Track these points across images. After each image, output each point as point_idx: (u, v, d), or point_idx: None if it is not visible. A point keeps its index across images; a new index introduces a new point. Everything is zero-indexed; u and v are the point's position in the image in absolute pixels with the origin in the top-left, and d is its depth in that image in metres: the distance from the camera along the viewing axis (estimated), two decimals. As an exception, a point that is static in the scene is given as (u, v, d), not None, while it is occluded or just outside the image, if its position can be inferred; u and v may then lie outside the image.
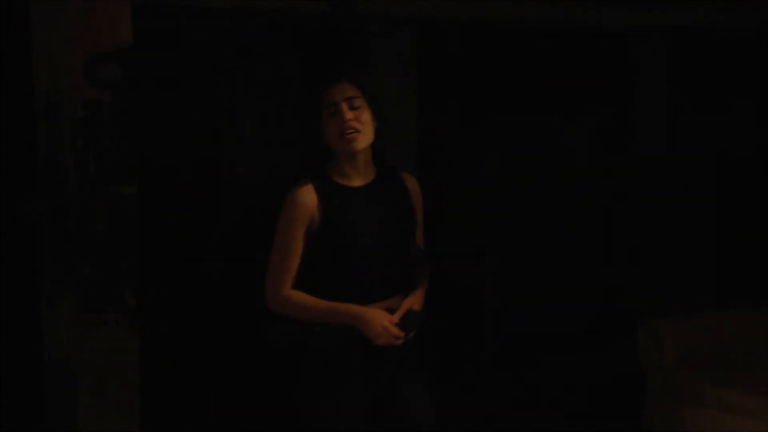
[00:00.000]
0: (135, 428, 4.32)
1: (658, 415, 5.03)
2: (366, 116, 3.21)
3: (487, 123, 6.24)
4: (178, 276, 4.95)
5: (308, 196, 3.15)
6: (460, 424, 5.51)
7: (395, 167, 3.37)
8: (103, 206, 4.28)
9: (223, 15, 5.11)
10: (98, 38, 4.22)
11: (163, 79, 4.97)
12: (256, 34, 5.18)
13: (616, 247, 6.64)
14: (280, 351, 3.59)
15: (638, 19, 6.24)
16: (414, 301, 3.27)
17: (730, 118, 6.65)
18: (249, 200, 4.97)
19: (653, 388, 5.09)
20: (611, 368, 6.07)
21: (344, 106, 3.17)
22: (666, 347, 5.03)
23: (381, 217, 3.21)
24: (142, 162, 4.44)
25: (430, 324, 5.98)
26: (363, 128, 3.18)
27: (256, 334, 4.76)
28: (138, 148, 4.36)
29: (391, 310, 3.15)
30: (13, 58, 4.51)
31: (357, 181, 3.24)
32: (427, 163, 6.13)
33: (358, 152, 3.19)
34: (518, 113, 6.27)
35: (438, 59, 6.04)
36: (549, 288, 6.43)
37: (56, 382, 4.37)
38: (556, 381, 6.11)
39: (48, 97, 4.30)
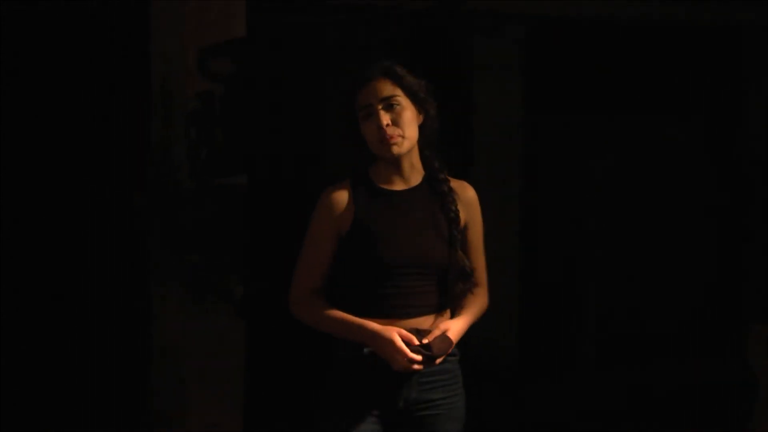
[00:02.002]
0: (239, 415, 4.35)
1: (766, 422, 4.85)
2: (408, 115, 2.79)
3: (595, 122, 6.18)
4: (283, 267, 4.96)
5: (340, 196, 2.83)
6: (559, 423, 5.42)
7: (446, 171, 2.90)
8: (212, 197, 4.31)
9: (332, 11, 5.13)
10: (212, 32, 4.24)
11: (273, 72, 5.01)
12: (363, 29, 5.17)
13: (725, 250, 6.50)
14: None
15: (749, 16, 6.08)
16: (452, 326, 2.80)
17: None
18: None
19: (764, 395, 4.91)
20: (718, 373, 5.92)
21: (380, 108, 2.78)
22: (776, 354, 4.83)
23: (418, 227, 2.82)
24: (252, 154, 4.47)
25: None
26: (404, 130, 2.78)
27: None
28: (248, 140, 4.39)
29: (419, 332, 2.74)
30: (131, 52, 4.61)
31: (399, 185, 2.87)
32: (533, 162, 6.08)
33: (398, 156, 2.81)
34: (626, 113, 6.20)
35: (546, 57, 5.96)
36: (654, 290, 6.34)
37: (164, 367, 4.44)
38: (661, 383, 5.98)
39: (162, 90, 4.36)
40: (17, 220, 4.68)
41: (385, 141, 2.76)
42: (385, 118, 2.76)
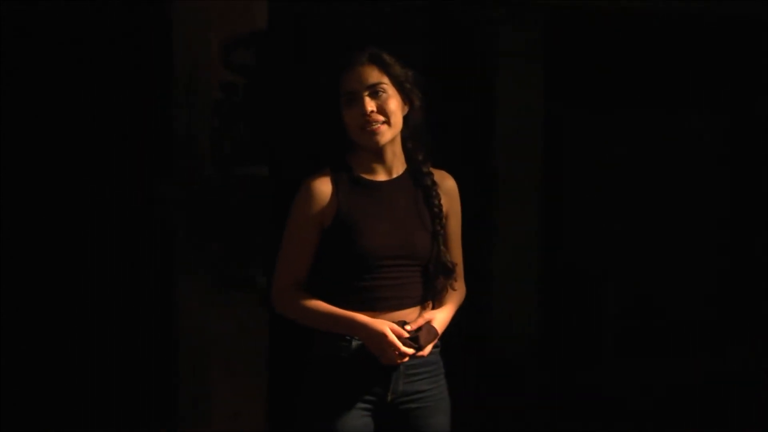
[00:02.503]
0: (262, 401, 4.38)
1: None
2: (393, 104, 2.71)
3: (615, 114, 6.19)
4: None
5: (323, 187, 2.74)
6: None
7: (429, 164, 2.85)
8: (234, 187, 4.32)
9: (355, 2, 5.15)
10: (235, 24, 4.25)
11: (295, 64, 5.03)
12: (387, 20, 5.17)
13: (744, 244, 6.49)
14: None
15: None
16: (436, 317, 2.77)
17: None
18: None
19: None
20: (731, 365, 5.92)
21: (365, 94, 2.70)
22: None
23: (401, 218, 2.76)
24: (274, 145, 4.48)
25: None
26: (389, 119, 2.71)
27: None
28: (270, 130, 4.40)
29: (404, 324, 2.71)
30: (154, 44, 4.62)
31: (381, 176, 2.79)
32: (555, 152, 6.07)
33: (381, 146, 2.73)
34: (646, 106, 6.20)
35: (567, 48, 5.96)
36: (672, 282, 6.35)
37: (189, 355, 4.46)
38: (677, 375, 5.98)
39: (186, 81, 4.38)
40: (43, 211, 4.72)
41: (369, 129, 2.69)
42: (370, 105, 2.69)
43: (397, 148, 2.81)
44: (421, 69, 2.80)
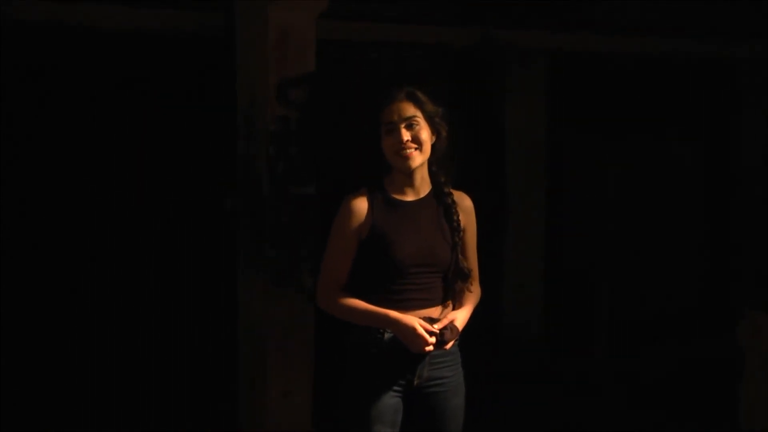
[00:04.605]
0: (309, 382, 4.37)
1: (754, 393, 4.88)
2: (424, 134, 2.78)
3: (609, 140, 6.14)
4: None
5: (360, 205, 2.79)
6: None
7: (450, 185, 2.90)
8: (287, 203, 4.34)
9: (387, 47, 5.15)
10: (288, 66, 4.25)
11: (339, 100, 5.03)
12: (414, 63, 5.19)
13: (721, 247, 6.49)
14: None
15: (744, 51, 6.04)
16: (457, 316, 2.81)
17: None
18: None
19: (749, 370, 4.95)
20: (712, 353, 5.90)
21: (401, 126, 2.76)
22: (763, 336, 4.87)
23: (426, 232, 2.81)
24: (320, 168, 4.48)
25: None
26: (421, 146, 2.77)
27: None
28: (317, 156, 4.40)
29: (431, 320, 2.76)
30: (221, 85, 4.66)
31: (410, 196, 2.84)
32: (556, 173, 6.06)
33: (413, 169, 2.80)
34: (634, 132, 6.19)
35: (566, 84, 5.94)
36: (659, 282, 6.32)
37: (249, 342, 4.47)
38: (666, 366, 5.99)
39: (247, 114, 4.41)
40: (137, 222, 4.75)
41: (403, 154, 2.77)
42: (406, 135, 2.76)
43: (425, 172, 2.87)
44: (445, 104, 2.89)
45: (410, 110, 2.80)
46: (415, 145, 2.78)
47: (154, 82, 4.76)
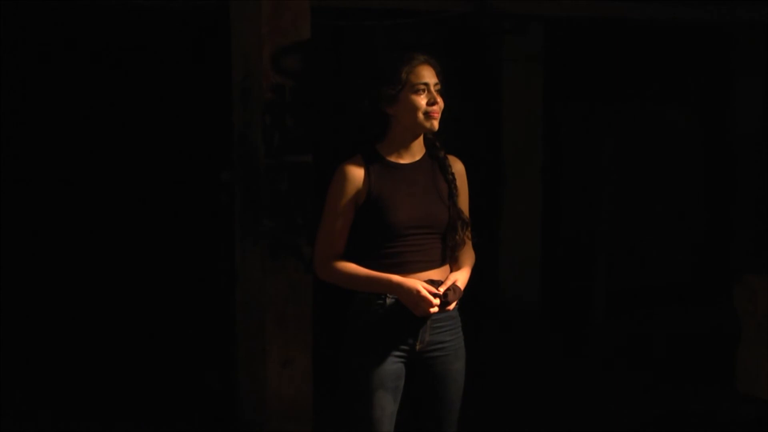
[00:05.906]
0: (308, 352, 4.38)
1: (750, 357, 4.88)
2: (441, 102, 2.79)
3: (604, 108, 6.17)
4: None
5: (357, 171, 2.76)
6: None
7: (444, 149, 2.89)
8: (284, 172, 4.32)
9: (380, 16, 5.12)
10: (283, 35, 4.23)
11: (333, 69, 5.03)
12: (409, 31, 5.17)
13: (717, 213, 6.47)
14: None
15: (740, 18, 5.99)
16: (458, 277, 2.79)
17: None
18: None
19: (746, 335, 4.94)
20: (710, 320, 5.91)
21: (435, 88, 2.76)
22: (759, 299, 4.85)
23: (423, 194, 2.80)
24: (316, 136, 4.47)
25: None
26: (441, 111, 2.78)
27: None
28: (313, 125, 4.39)
29: (433, 282, 2.75)
30: (216, 55, 4.66)
31: (405, 159, 2.83)
32: (553, 141, 6.06)
33: (434, 131, 2.79)
34: (629, 100, 6.19)
35: (563, 56, 5.93)
36: (656, 247, 6.33)
37: (247, 313, 4.48)
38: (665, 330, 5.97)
39: (243, 84, 4.39)
40: (128, 190, 4.77)
41: (434, 115, 2.75)
42: (439, 98, 2.76)
43: (422, 136, 2.86)
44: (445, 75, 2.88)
45: (435, 74, 2.79)
46: (440, 108, 2.78)
47: (150, 54, 4.81)
